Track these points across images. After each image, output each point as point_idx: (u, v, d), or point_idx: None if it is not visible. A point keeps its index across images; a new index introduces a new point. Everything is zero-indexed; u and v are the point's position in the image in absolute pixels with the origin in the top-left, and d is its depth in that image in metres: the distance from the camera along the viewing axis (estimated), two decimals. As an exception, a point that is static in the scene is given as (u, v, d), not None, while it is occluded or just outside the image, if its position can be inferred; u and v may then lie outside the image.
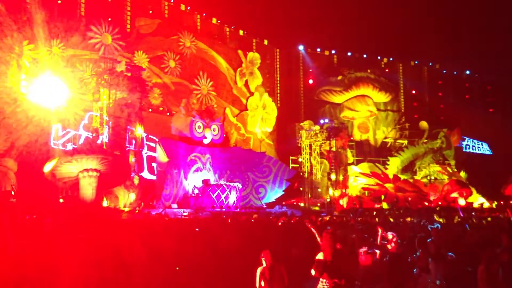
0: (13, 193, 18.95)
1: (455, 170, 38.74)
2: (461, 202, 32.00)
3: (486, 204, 33.62)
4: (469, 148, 44.33)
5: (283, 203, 29.82)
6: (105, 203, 21.22)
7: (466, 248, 9.44)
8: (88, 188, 20.43)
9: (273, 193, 29.91)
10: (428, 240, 10.86)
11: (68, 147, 23.20)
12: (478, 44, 38.88)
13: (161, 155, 25.59)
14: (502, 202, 33.22)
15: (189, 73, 33.72)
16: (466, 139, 44.01)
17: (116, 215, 18.32)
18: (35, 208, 14.45)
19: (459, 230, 12.88)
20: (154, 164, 26.46)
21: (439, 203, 32.24)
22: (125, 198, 22.26)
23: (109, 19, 29.14)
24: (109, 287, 8.98)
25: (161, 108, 31.25)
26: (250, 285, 7.64)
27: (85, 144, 22.95)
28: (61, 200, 20.15)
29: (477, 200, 34.10)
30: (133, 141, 23.88)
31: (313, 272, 7.14)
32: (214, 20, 36.12)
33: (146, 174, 26.05)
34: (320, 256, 7.11)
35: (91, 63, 26.77)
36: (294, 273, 10.39)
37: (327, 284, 7.00)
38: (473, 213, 25.96)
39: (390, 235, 9.60)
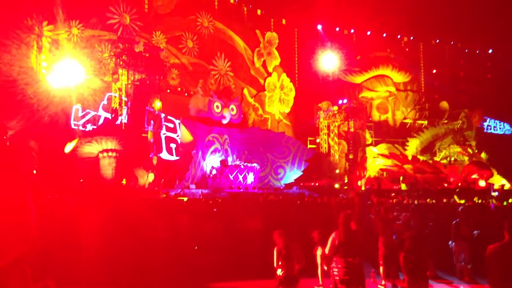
0: (34, 172, 19.29)
1: (476, 151, 38.16)
2: (482, 183, 31.60)
3: (507, 186, 33.15)
4: (490, 129, 43.58)
5: (301, 184, 29.80)
6: (124, 183, 21.50)
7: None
8: (108, 168, 20.74)
9: (292, 174, 29.90)
10: (454, 222, 10.79)
11: (88, 128, 23.48)
12: (502, 22, 37.85)
13: (185, 135, 25.61)
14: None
15: (207, 53, 33.62)
16: (488, 119, 43.25)
17: (136, 194, 18.57)
18: (57, 188, 14.72)
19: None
20: (172, 145, 26.62)
21: (459, 184, 31.90)
22: (144, 179, 22.51)
23: (127, -1, 29.14)
24: (129, 265, 9.16)
25: (179, 89, 31.30)
26: (268, 264, 7.72)
27: (105, 125, 23.20)
28: (81, 180, 20.47)
29: (499, 181, 33.62)
30: (152, 122, 24.07)
31: (327, 251, 7.18)
32: (231, 0, 35.82)
33: (164, 155, 26.24)
34: (334, 236, 7.14)
35: (110, 44, 26.87)
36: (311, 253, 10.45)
37: (340, 263, 7.03)
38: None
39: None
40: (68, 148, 20.69)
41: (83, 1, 25.77)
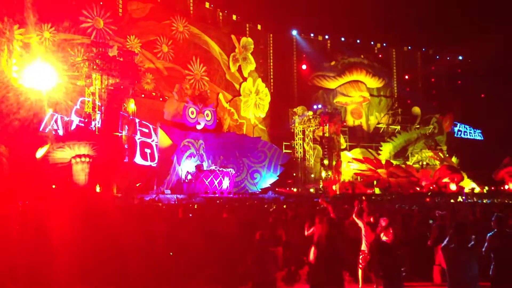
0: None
1: (447, 155, 39.00)
2: (452, 187, 32.26)
3: (477, 189, 33.92)
4: (461, 134, 44.56)
5: (277, 189, 29.88)
6: (98, 189, 21.19)
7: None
8: (81, 173, 20.40)
9: (268, 177, 29.96)
10: (435, 224, 10.77)
11: (60, 133, 23.06)
12: (471, 31, 38.84)
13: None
14: (493, 188, 33.60)
15: (182, 58, 33.47)
16: (458, 124, 44.22)
17: (110, 200, 18.31)
18: (28, 194, 14.41)
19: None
20: (147, 150, 26.34)
21: (431, 188, 32.50)
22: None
23: (101, 2, 28.78)
24: (104, 271, 9.01)
25: (153, 94, 31.06)
26: (243, 268, 7.72)
27: (77, 130, 22.84)
28: (53, 186, 20.09)
29: (469, 185, 34.38)
30: (126, 127, 23.81)
31: (311, 256, 7.23)
32: (207, 5, 35.75)
33: (139, 160, 25.95)
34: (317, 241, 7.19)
35: (83, 48, 26.51)
36: (289, 257, 10.48)
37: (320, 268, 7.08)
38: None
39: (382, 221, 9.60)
40: (40, 153, 20.29)
41: (55, 4, 25.38)
